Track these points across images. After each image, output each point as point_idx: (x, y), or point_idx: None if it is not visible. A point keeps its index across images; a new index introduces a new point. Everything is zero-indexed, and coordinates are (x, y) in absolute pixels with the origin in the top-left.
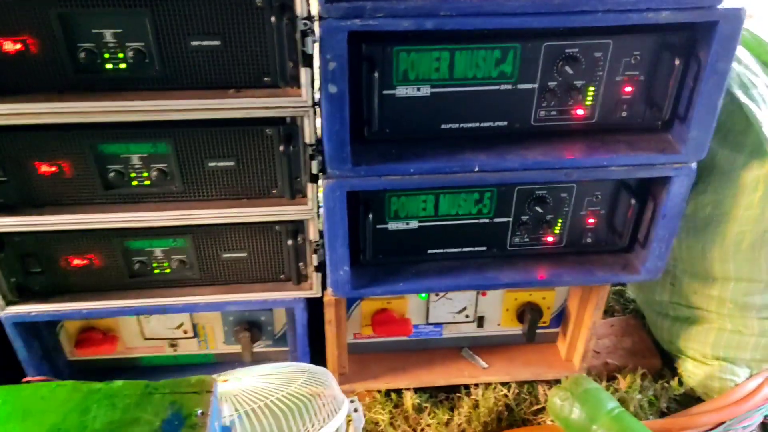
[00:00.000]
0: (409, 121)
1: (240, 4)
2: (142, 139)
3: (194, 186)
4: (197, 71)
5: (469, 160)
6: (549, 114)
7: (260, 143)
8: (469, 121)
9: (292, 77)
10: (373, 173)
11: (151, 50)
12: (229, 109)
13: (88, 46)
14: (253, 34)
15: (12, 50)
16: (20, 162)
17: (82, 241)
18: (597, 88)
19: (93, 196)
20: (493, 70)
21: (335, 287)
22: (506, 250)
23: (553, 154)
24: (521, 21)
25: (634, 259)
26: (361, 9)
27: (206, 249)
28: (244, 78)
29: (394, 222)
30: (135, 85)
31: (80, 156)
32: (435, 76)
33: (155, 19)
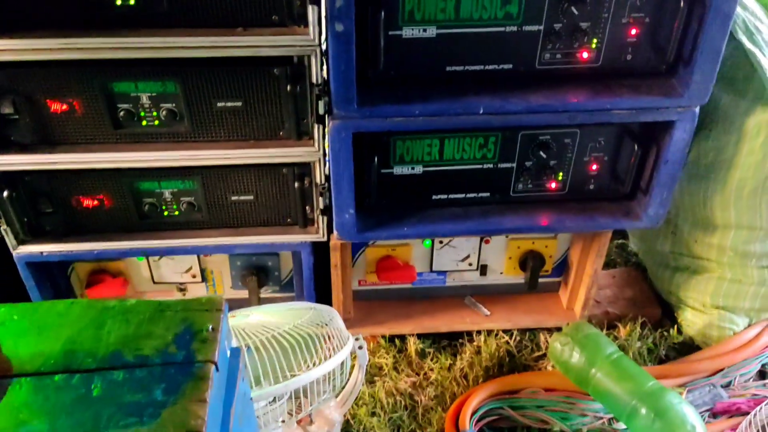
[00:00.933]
0: (415, 63)
1: None
2: (151, 78)
3: (203, 127)
4: (205, 7)
5: (473, 102)
6: (554, 57)
7: (267, 83)
8: (474, 63)
9: (299, 15)
10: (379, 114)
11: None
12: (236, 47)
13: None
14: None
15: None
16: (32, 99)
17: (93, 182)
18: (602, 31)
19: (103, 135)
20: (499, 11)
21: (341, 230)
22: (510, 196)
23: (557, 97)
24: None
25: (636, 206)
26: None
27: (214, 191)
28: (251, 16)
29: (399, 166)
30: (144, 22)
31: (91, 94)
32: (441, 16)
33: None
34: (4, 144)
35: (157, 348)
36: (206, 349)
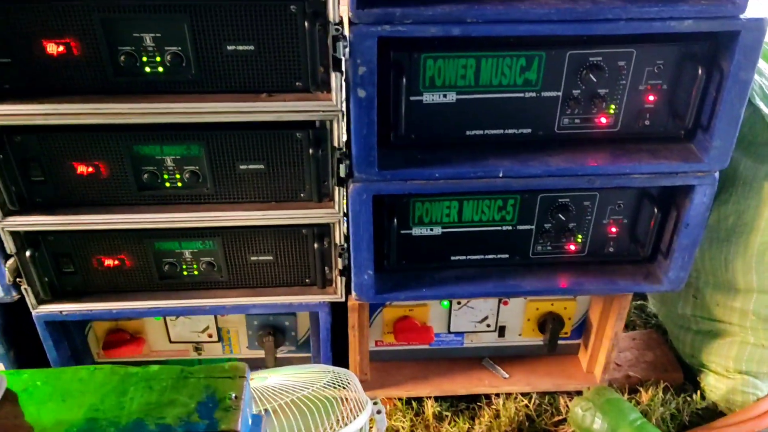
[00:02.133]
0: (435, 127)
1: (274, 10)
2: (176, 141)
3: (225, 188)
4: (231, 75)
5: (493, 165)
6: (573, 122)
7: (290, 146)
8: (493, 127)
9: (322, 81)
10: (399, 177)
11: (188, 54)
12: (260, 113)
13: (128, 50)
14: (286, 40)
15: (55, 52)
16: (59, 162)
17: (115, 242)
18: (620, 97)
19: (127, 196)
20: (518, 77)
21: (359, 291)
22: (529, 257)
23: (577, 161)
24: (546, 28)
25: (657, 269)
26: (391, 15)
27: (234, 251)
28: (276, 82)
29: (418, 227)
30: (171, 87)
31: (116, 157)
32: (461, 82)
33: (193, 24)
34: (30, 205)
35: (179, 416)
36: (229, 418)
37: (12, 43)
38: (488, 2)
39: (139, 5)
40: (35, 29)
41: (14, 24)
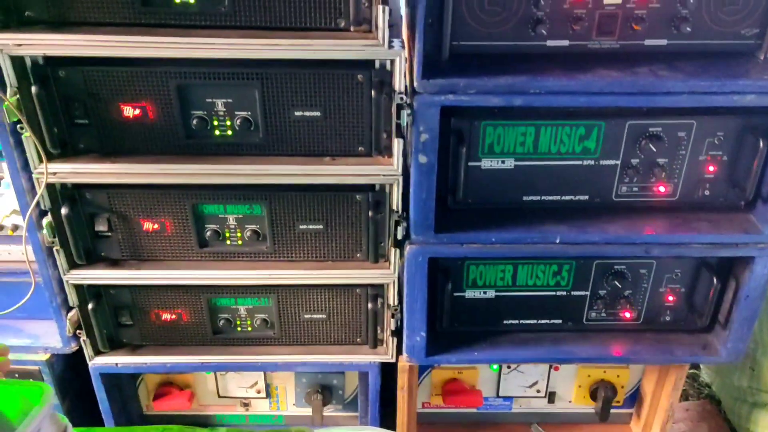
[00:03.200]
0: (492, 192)
1: (342, 78)
2: (240, 201)
3: (284, 247)
4: (297, 139)
5: (550, 231)
6: (631, 190)
7: (349, 208)
8: (550, 194)
9: (384, 147)
10: (455, 241)
11: (257, 119)
12: (324, 176)
13: (200, 114)
14: (351, 107)
15: (131, 115)
16: (126, 218)
17: (174, 296)
18: (679, 167)
19: (189, 253)
20: (577, 145)
21: (411, 353)
22: (582, 324)
23: (634, 229)
24: (607, 100)
25: (715, 339)
26: (455, 85)
27: (288, 309)
28: (339, 146)
29: (471, 290)
30: (239, 150)
31: (181, 214)
32: (519, 149)
33: (264, 91)
34: (95, 258)
35: None
36: None
37: (91, 105)
38: (550, 74)
39: (214, 73)
40: (114, 93)
41: (94, 88)
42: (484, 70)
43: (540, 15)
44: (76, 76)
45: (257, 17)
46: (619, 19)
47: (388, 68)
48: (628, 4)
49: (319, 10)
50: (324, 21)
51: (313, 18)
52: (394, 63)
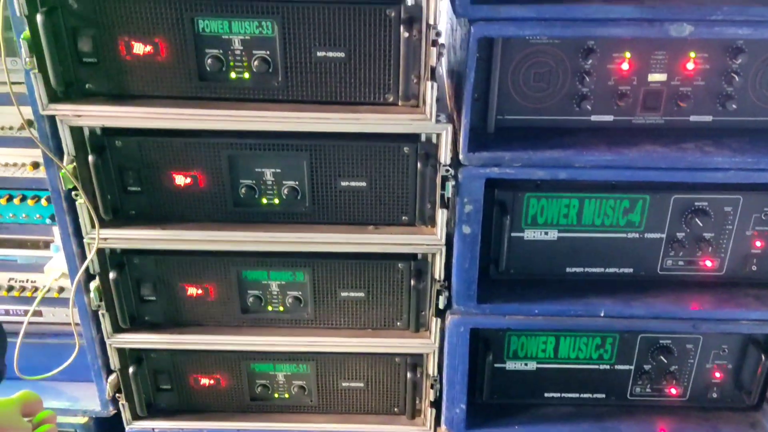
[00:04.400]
0: (535, 263)
1: (389, 151)
2: (283, 268)
3: (324, 314)
4: (342, 208)
5: (594, 304)
6: (676, 264)
7: (391, 276)
8: (594, 266)
9: (428, 217)
10: (498, 312)
11: (304, 189)
12: (368, 245)
13: (249, 183)
14: (397, 177)
15: (182, 184)
16: (171, 284)
17: (213, 362)
18: (726, 241)
19: (231, 319)
20: (621, 218)
21: (449, 425)
22: (626, 399)
23: (681, 304)
24: (653, 175)
25: (763, 418)
26: (500, 159)
27: (326, 376)
28: (383, 216)
29: (512, 362)
30: (285, 218)
31: (226, 280)
32: (563, 221)
33: (312, 161)
34: (138, 322)
35: None
36: None
37: (144, 174)
38: (595, 148)
39: (264, 144)
40: (167, 163)
41: (148, 157)
42: (529, 144)
43: (585, 91)
44: (132, 145)
45: (308, 92)
46: (664, 96)
47: (434, 141)
48: (673, 82)
49: (369, 86)
50: (373, 96)
51: (363, 93)
52: (440, 136)
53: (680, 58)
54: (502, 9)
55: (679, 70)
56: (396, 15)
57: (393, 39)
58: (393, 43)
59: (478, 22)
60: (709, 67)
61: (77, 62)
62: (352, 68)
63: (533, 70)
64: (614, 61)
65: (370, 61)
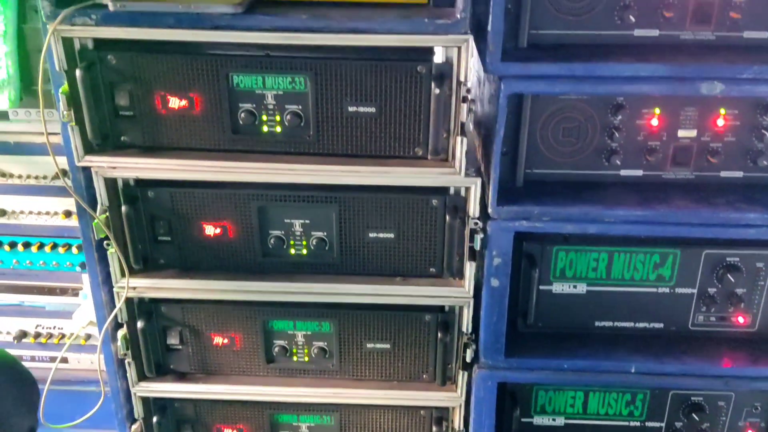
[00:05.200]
0: (564, 317)
1: (417, 203)
2: (310, 318)
3: (350, 364)
4: (370, 260)
5: (624, 360)
6: (708, 319)
7: (418, 329)
8: (624, 320)
9: (456, 269)
10: (526, 366)
11: (333, 240)
12: (395, 296)
13: (278, 234)
14: (425, 230)
15: (212, 234)
16: (198, 333)
17: (237, 411)
18: (758, 297)
19: (256, 368)
20: (651, 273)
21: None
22: None
23: (713, 361)
24: (683, 230)
25: None
26: (529, 213)
27: (350, 429)
28: (411, 267)
29: (540, 416)
30: (313, 269)
31: (252, 330)
32: (592, 275)
33: (340, 213)
34: (163, 371)
35: None
36: None
37: (174, 224)
38: (625, 203)
39: (294, 196)
40: (198, 213)
41: (180, 208)
42: (558, 198)
43: (614, 146)
44: (164, 196)
45: (339, 145)
46: (694, 152)
47: (463, 194)
48: (703, 138)
49: (399, 140)
50: (402, 149)
51: (393, 147)
52: (469, 189)
53: (710, 115)
54: (533, 66)
55: (709, 126)
56: (426, 72)
57: (423, 95)
58: (423, 99)
59: (509, 79)
60: (739, 124)
61: (113, 115)
62: (383, 123)
63: (562, 125)
64: (644, 117)
65: (400, 116)
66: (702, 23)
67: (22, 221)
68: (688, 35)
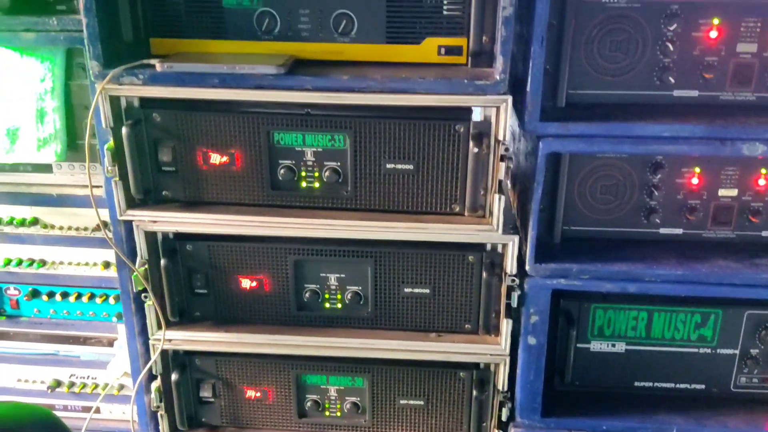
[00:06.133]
0: (602, 376)
1: (453, 259)
2: (343, 373)
3: (383, 422)
4: (405, 315)
5: (664, 422)
6: (750, 381)
7: (452, 386)
8: (664, 380)
9: (492, 326)
10: (563, 426)
11: (367, 294)
12: (429, 352)
13: (313, 288)
14: (461, 286)
15: (248, 287)
16: (231, 386)
17: None
18: None
19: (287, 422)
20: (692, 333)
21: None
22: None
23: (756, 423)
24: (725, 291)
25: None
26: (567, 271)
27: None
28: (446, 323)
29: None
30: (347, 323)
31: (284, 384)
32: (631, 334)
33: (376, 268)
34: (195, 424)
35: None
36: None
37: (211, 277)
38: (665, 262)
39: (330, 250)
40: (235, 266)
41: (217, 261)
42: (596, 256)
43: (653, 204)
44: (202, 250)
45: (376, 201)
46: (735, 211)
47: (499, 250)
48: (744, 197)
49: (436, 197)
50: (439, 206)
51: (430, 203)
52: (506, 246)
53: (752, 174)
54: (571, 126)
55: (750, 185)
56: (465, 130)
57: (461, 153)
58: (461, 157)
59: (547, 139)
60: None
61: (156, 170)
62: (420, 180)
63: (600, 183)
64: (684, 176)
65: (437, 173)
66: (742, 84)
67: (61, 271)
68: (728, 96)
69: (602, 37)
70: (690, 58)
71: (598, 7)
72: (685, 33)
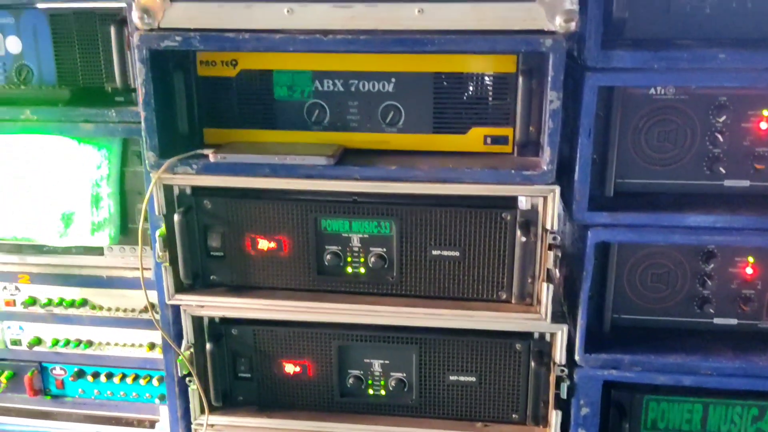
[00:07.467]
0: None
1: (500, 348)
2: None
3: None
4: (450, 403)
5: None
6: None
7: None
8: None
9: (541, 417)
10: None
11: (412, 381)
12: None
13: (357, 374)
14: (508, 375)
15: (292, 372)
16: None
17: None
18: None
19: None
20: (750, 426)
21: None
22: None
23: None
24: None
25: None
26: (619, 362)
27: None
28: (493, 413)
29: None
30: (391, 411)
31: None
32: (686, 427)
33: (420, 354)
34: None
35: None
36: None
37: (255, 361)
38: (721, 354)
39: (375, 336)
40: (279, 351)
41: (261, 346)
42: (648, 346)
43: (706, 294)
44: (247, 334)
45: (422, 287)
46: None
47: (548, 339)
48: None
49: (482, 284)
50: (486, 293)
51: (476, 290)
52: (555, 335)
53: None
54: (620, 216)
55: None
56: (512, 219)
57: (508, 241)
58: (508, 245)
59: (596, 228)
60: None
61: (205, 256)
62: (466, 267)
63: (651, 271)
64: (737, 266)
65: (484, 260)
66: None
67: (106, 352)
68: None
69: (650, 128)
70: (741, 149)
71: (645, 98)
72: (734, 124)
